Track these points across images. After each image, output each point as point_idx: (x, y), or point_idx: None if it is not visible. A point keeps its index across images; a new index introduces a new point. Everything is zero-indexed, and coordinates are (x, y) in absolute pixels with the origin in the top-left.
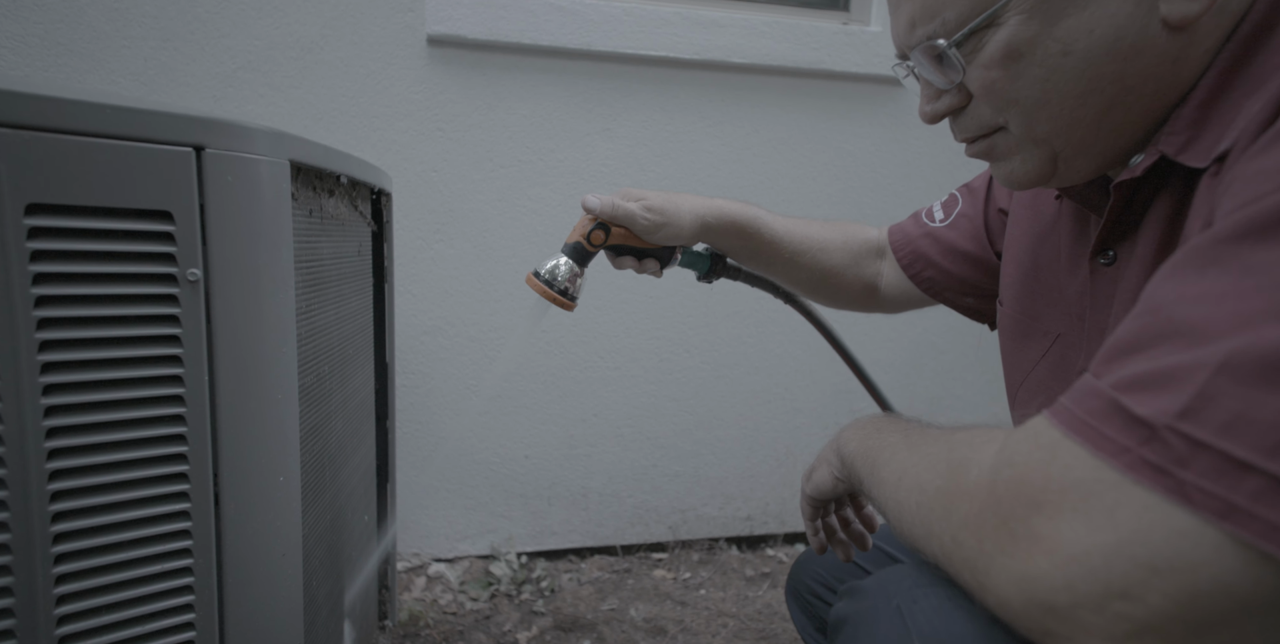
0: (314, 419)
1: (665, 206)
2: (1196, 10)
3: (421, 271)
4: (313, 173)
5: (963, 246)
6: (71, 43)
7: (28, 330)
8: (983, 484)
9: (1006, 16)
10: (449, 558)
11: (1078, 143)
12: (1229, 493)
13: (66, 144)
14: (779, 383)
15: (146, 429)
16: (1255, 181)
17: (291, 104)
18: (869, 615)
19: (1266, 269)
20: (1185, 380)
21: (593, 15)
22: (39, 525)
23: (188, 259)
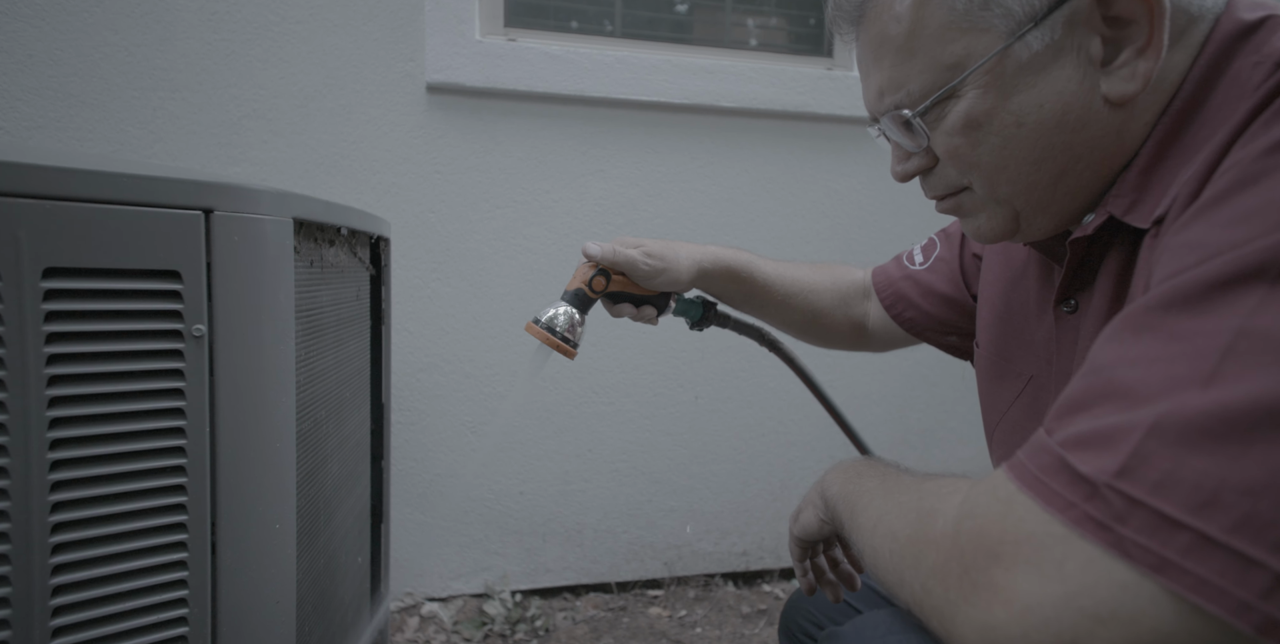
0: (310, 464)
1: (664, 253)
2: (1133, 89)
3: (418, 310)
4: (314, 226)
5: (941, 289)
6: (84, 94)
7: (38, 387)
8: (947, 534)
9: (965, 90)
10: (443, 597)
11: (1036, 203)
12: (1162, 548)
13: (84, 211)
14: (773, 416)
15: (147, 480)
16: (1181, 254)
17: (294, 150)
18: None
19: (1190, 337)
20: (1122, 441)
21: (586, 63)
22: (39, 576)
23: (193, 315)
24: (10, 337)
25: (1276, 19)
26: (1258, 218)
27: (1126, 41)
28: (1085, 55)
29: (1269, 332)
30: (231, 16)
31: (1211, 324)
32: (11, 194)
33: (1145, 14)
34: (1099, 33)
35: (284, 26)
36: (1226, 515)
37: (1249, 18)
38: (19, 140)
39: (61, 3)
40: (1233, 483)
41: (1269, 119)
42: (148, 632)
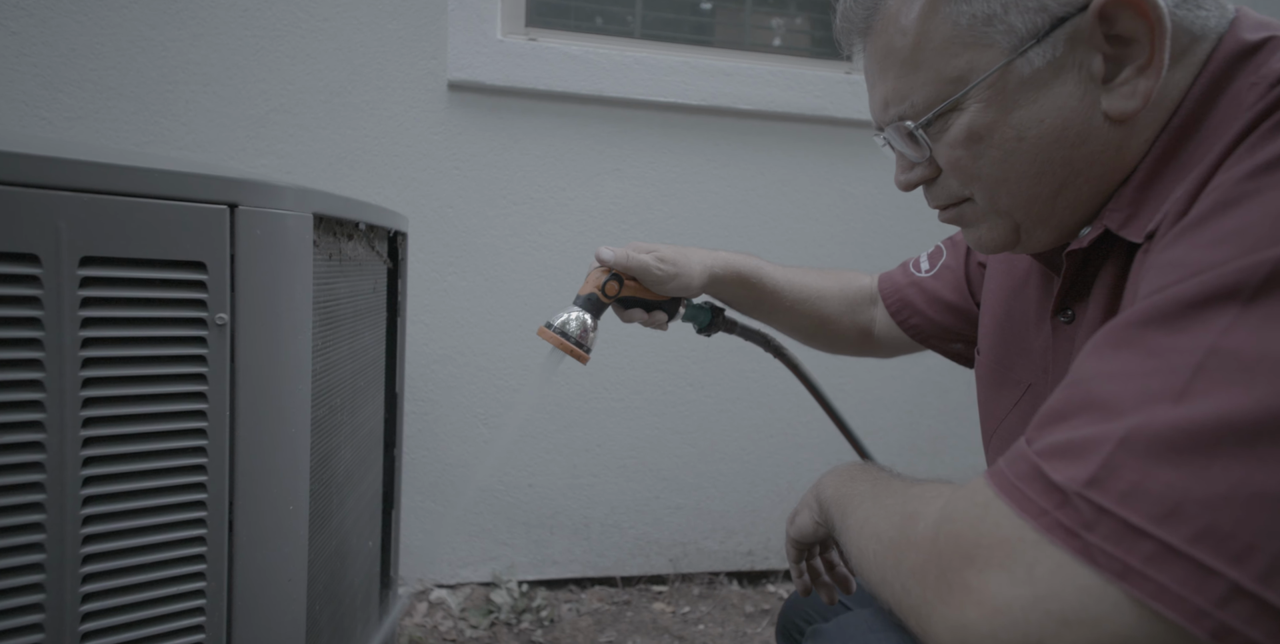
0: (324, 449)
1: (676, 258)
2: (1134, 107)
3: (435, 303)
4: (334, 221)
5: (946, 296)
6: (121, 87)
7: (74, 369)
8: (927, 537)
9: (967, 103)
10: (451, 584)
11: (1036, 215)
12: (1126, 556)
13: (118, 204)
14: (781, 418)
15: (171, 460)
16: (1164, 272)
17: (319, 144)
18: None
19: (1165, 353)
20: (1094, 452)
21: (604, 63)
22: (71, 545)
23: (217, 305)
24: (49, 321)
25: (1278, 40)
26: (1235, 239)
27: (1128, 60)
28: (1087, 72)
29: (1238, 351)
30: (262, 13)
31: (1186, 342)
32: (53, 187)
33: (1146, 33)
34: (1101, 50)
35: (312, 23)
36: (1188, 526)
37: (1251, 38)
38: (60, 131)
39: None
40: (1196, 495)
41: (1254, 142)
42: (169, 602)
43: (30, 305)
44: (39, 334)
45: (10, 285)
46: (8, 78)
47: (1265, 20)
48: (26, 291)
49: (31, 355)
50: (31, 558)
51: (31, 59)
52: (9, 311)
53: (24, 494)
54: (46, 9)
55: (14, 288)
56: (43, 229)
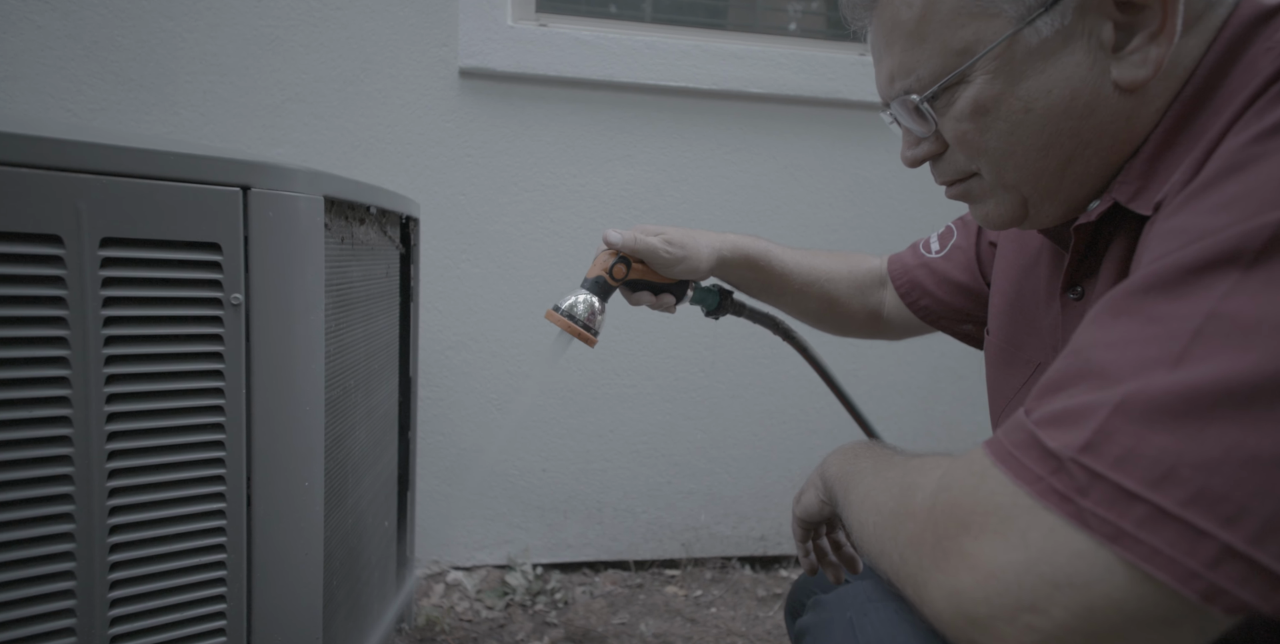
0: (339, 429)
1: (684, 241)
2: (1144, 75)
3: (448, 289)
4: (345, 205)
5: (956, 277)
6: (141, 79)
7: (97, 347)
8: (924, 506)
9: (974, 75)
10: (467, 566)
11: (1044, 190)
12: (1119, 519)
13: (136, 186)
14: (793, 403)
15: (191, 435)
16: (1166, 239)
17: (333, 132)
18: (825, 626)
19: (1164, 320)
20: (1089, 418)
21: (615, 48)
22: (99, 515)
23: (232, 285)
24: (73, 300)
25: None
26: (1239, 204)
27: (1139, 27)
28: (1096, 41)
29: (1237, 315)
30: (276, 3)
31: (1185, 307)
32: (73, 169)
33: None
34: (1111, 18)
35: (324, 13)
36: (1182, 490)
37: (1269, 1)
38: (84, 121)
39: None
40: (1189, 459)
41: (1262, 107)
42: (191, 572)
43: (55, 285)
44: (64, 312)
45: (35, 265)
46: (34, 71)
47: None
48: (51, 272)
49: (57, 333)
50: (61, 527)
51: (56, 53)
52: (35, 290)
53: (52, 466)
54: (70, 3)
55: (39, 268)
56: (64, 211)
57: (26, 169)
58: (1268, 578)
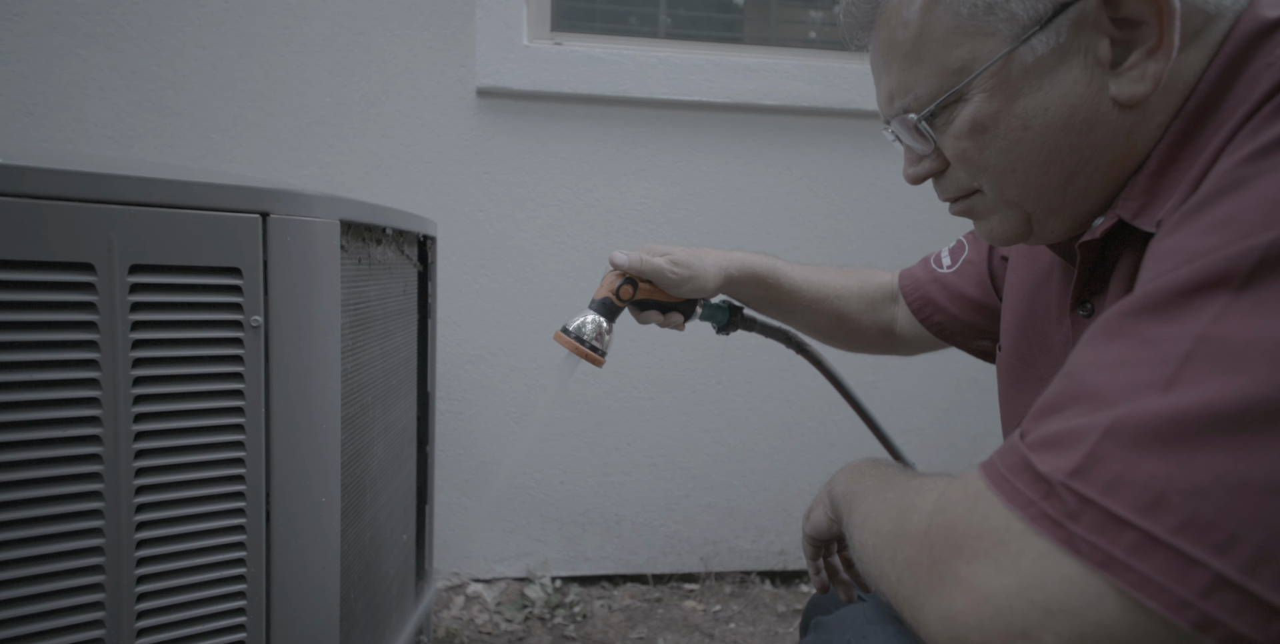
0: (357, 445)
1: (691, 260)
2: (1144, 91)
3: (467, 304)
4: (361, 227)
5: (968, 292)
6: (176, 106)
7: (125, 368)
8: (920, 528)
9: (971, 93)
10: (487, 578)
11: (1046, 206)
12: (1109, 546)
13: (163, 215)
14: (813, 416)
15: (213, 453)
16: (1160, 259)
17: (356, 153)
18: None
19: (1156, 342)
20: (1080, 442)
21: (628, 65)
22: (126, 529)
23: (252, 307)
24: (104, 325)
25: None
26: (1230, 226)
27: (1136, 43)
28: (1093, 57)
29: (1227, 338)
30: (301, 30)
31: (1177, 330)
32: (105, 201)
33: (1154, 15)
34: (1107, 34)
35: (348, 38)
36: (1172, 516)
37: (1271, 15)
38: (124, 149)
39: (160, 23)
40: (1179, 485)
41: (1256, 125)
42: (214, 586)
43: (87, 310)
44: (95, 336)
45: (69, 292)
46: (79, 102)
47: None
48: (83, 298)
49: (88, 356)
50: (92, 541)
51: (99, 84)
52: (68, 316)
53: (84, 483)
54: (112, 36)
55: (73, 294)
56: (96, 240)
57: (62, 201)
58: (1262, 608)
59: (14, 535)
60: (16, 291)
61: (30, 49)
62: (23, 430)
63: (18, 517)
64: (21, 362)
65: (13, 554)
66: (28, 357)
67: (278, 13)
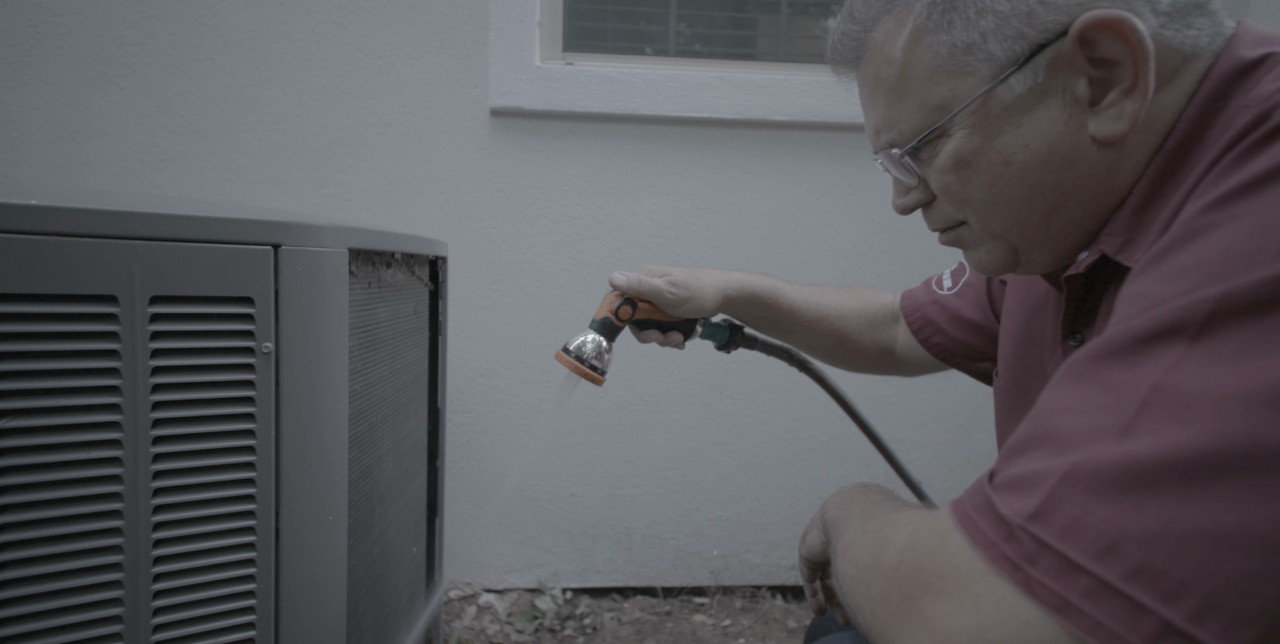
0: (365, 462)
1: (689, 281)
2: (1122, 130)
3: (480, 319)
4: (371, 253)
5: (968, 315)
6: (205, 130)
7: (145, 393)
8: (892, 563)
9: (954, 129)
10: (499, 589)
11: (1031, 239)
12: (1064, 590)
13: (181, 249)
14: (823, 430)
15: (226, 473)
16: (1127, 304)
17: (374, 173)
18: None
19: (1116, 388)
20: (1040, 485)
21: (638, 83)
22: (144, 547)
23: (263, 335)
24: (126, 353)
25: (1278, 56)
26: (1190, 274)
27: (1113, 82)
28: (1071, 96)
29: (1180, 388)
30: (324, 55)
31: (1135, 376)
32: (127, 237)
33: (1129, 55)
34: (1084, 74)
35: (367, 62)
36: (1124, 563)
37: (1249, 55)
38: (156, 172)
39: (192, 52)
40: (1132, 533)
41: (1219, 173)
42: (226, 601)
43: (110, 339)
44: (117, 364)
45: (93, 322)
46: (116, 129)
47: (1268, 34)
48: (107, 328)
49: (111, 382)
50: (111, 558)
51: (135, 111)
52: (93, 345)
53: (105, 503)
54: (147, 66)
55: (97, 325)
56: (119, 273)
57: (88, 238)
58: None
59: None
60: (47, 323)
61: (73, 79)
62: (49, 453)
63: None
64: (50, 388)
65: (35, 571)
66: (56, 383)
67: (301, 40)
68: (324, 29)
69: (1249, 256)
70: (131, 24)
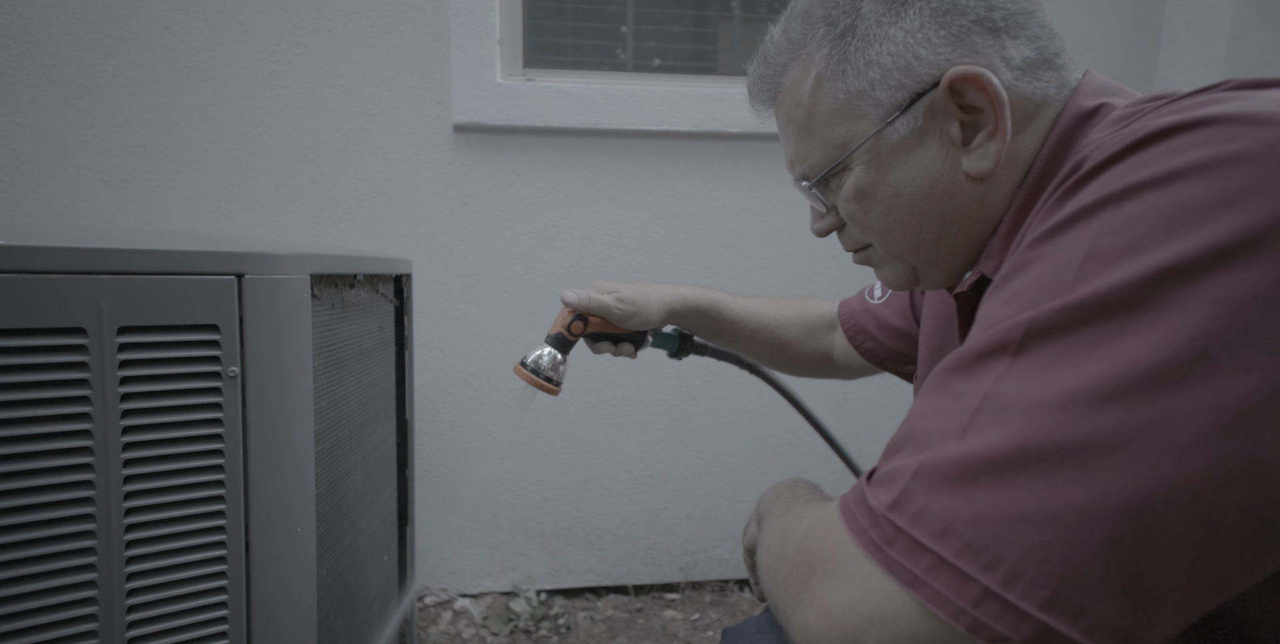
0: (333, 476)
1: (635, 297)
2: (988, 167)
3: (448, 329)
4: (333, 276)
5: (894, 322)
6: (167, 149)
7: (115, 419)
8: (793, 551)
9: (853, 164)
10: (473, 594)
11: (925, 260)
12: (913, 567)
13: (147, 281)
14: (785, 428)
15: (196, 492)
16: (978, 322)
17: (339, 188)
18: None
19: (960, 397)
20: (898, 480)
21: (597, 98)
22: (118, 564)
23: (229, 359)
24: (95, 381)
25: (1109, 107)
26: (1017, 300)
27: (980, 126)
28: (947, 137)
29: (1001, 396)
30: (285, 74)
31: (974, 386)
32: (94, 272)
33: (989, 104)
34: (957, 119)
35: (329, 80)
36: (956, 542)
37: (1087, 105)
38: (116, 191)
39: (152, 73)
40: (963, 517)
41: (1044, 212)
42: (198, 612)
43: (80, 369)
44: (87, 392)
45: (63, 354)
46: (74, 150)
47: (1106, 85)
48: (76, 358)
49: (81, 410)
50: (86, 576)
51: (93, 131)
52: (62, 375)
53: (77, 524)
54: (106, 86)
55: (67, 356)
56: (88, 306)
57: (56, 275)
58: (1016, 613)
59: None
60: (17, 356)
61: (28, 101)
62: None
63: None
64: (20, 418)
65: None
66: (26, 413)
67: (262, 59)
68: (285, 48)
69: (1052, 287)
70: (88, 45)
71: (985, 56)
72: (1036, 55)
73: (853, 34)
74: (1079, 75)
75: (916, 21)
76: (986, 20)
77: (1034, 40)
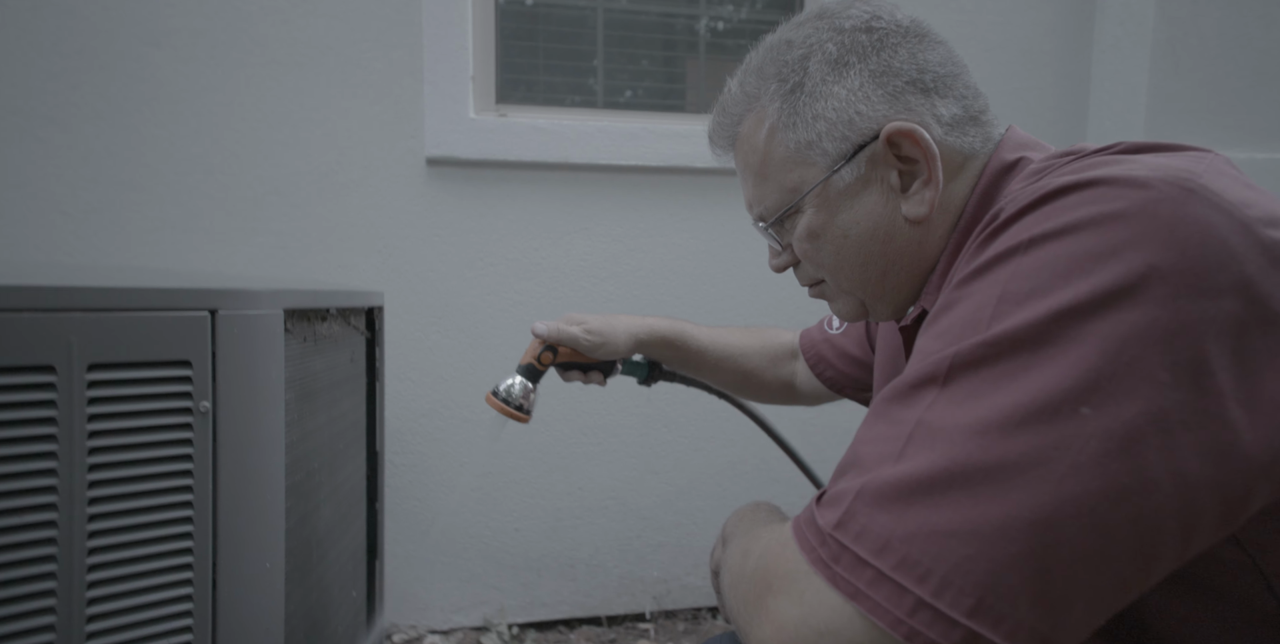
0: (303, 510)
1: (603, 328)
2: (924, 212)
3: (419, 360)
4: (307, 310)
5: (851, 351)
6: (133, 180)
7: (82, 455)
8: (751, 570)
9: (805, 207)
10: (444, 629)
11: (872, 295)
12: (856, 581)
13: (119, 318)
14: (754, 454)
15: (163, 529)
16: (914, 354)
17: (310, 221)
18: None
19: (896, 423)
20: (843, 501)
21: (568, 133)
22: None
23: (201, 395)
24: (63, 419)
25: (1026, 160)
26: (945, 335)
27: (916, 174)
28: (887, 185)
29: (931, 423)
30: (258, 107)
31: (908, 414)
32: (66, 309)
33: (922, 155)
34: (895, 167)
35: (302, 114)
36: (893, 557)
37: (1009, 158)
38: (78, 223)
39: (119, 105)
40: (899, 534)
41: (970, 255)
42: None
43: (47, 407)
44: (53, 430)
45: (32, 392)
46: (35, 180)
47: (1025, 140)
48: (43, 397)
49: (47, 448)
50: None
51: (55, 162)
52: (29, 413)
53: (38, 565)
54: (70, 118)
55: (35, 394)
56: (58, 344)
57: (25, 313)
58: (946, 621)
59: None
60: None
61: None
62: None
63: None
64: None
65: None
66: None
67: (234, 93)
68: (258, 82)
69: (973, 325)
70: (53, 76)
71: (918, 113)
72: (964, 113)
73: (801, 90)
74: (1002, 130)
75: (857, 81)
76: (919, 81)
77: (961, 99)
